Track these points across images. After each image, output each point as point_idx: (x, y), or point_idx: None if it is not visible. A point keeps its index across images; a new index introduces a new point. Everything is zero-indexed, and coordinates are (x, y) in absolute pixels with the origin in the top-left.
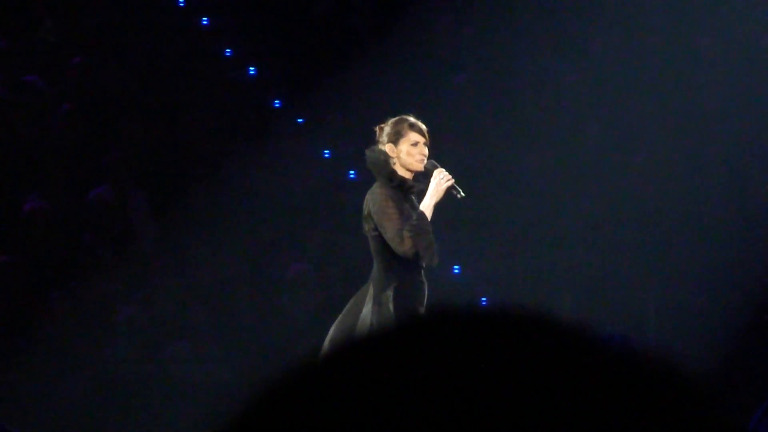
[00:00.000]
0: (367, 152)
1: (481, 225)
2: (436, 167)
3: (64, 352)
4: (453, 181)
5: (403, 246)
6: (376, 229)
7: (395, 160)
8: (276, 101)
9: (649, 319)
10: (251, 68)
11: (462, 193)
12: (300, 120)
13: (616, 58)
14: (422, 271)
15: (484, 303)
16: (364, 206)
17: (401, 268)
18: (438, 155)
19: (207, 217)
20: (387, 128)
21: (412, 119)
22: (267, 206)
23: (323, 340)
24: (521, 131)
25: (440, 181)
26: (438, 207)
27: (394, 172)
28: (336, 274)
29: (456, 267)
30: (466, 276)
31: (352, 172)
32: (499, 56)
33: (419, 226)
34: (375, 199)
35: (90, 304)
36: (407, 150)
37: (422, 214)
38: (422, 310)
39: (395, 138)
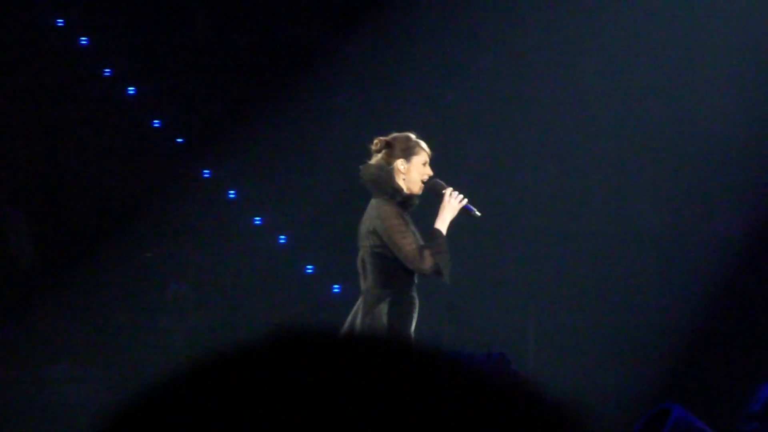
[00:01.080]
0: (370, 168)
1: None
2: (444, 186)
3: None
4: (466, 200)
5: (424, 264)
6: (380, 245)
7: (403, 176)
8: (156, 121)
9: (529, 339)
10: (130, 88)
11: (477, 213)
12: (180, 140)
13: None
14: (415, 288)
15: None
16: (365, 221)
17: (398, 283)
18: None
19: (85, 237)
20: (397, 144)
21: (418, 138)
22: (146, 226)
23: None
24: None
25: (453, 199)
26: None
27: (400, 188)
28: (215, 294)
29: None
30: (346, 295)
31: (231, 192)
32: (383, 77)
33: (440, 244)
34: (383, 216)
35: None
36: (418, 168)
37: (440, 232)
38: (413, 326)
39: (407, 155)
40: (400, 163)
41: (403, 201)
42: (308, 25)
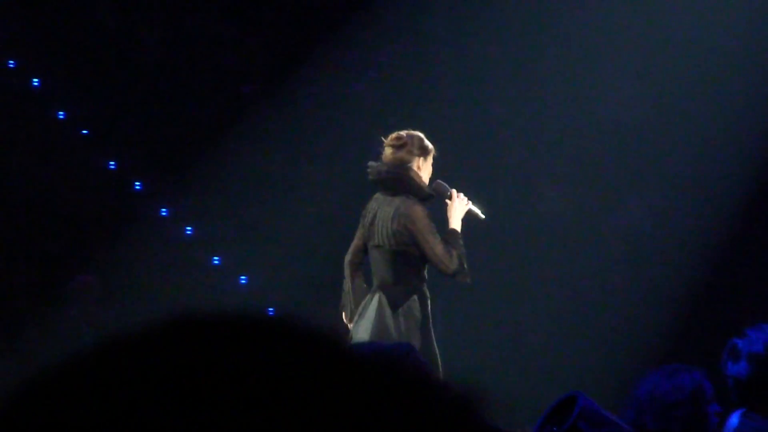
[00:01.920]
0: (390, 165)
1: (266, 235)
2: (448, 187)
3: None
4: (470, 203)
5: (453, 264)
6: (407, 244)
7: (422, 174)
8: (60, 112)
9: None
10: (35, 79)
11: (482, 215)
12: (85, 131)
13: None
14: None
15: (243, 281)
16: (387, 219)
17: (418, 280)
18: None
19: None
20: (416, 142)
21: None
22: (52, 217)
23: None
24: (307, 146)
25: (460, 200)
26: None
27: (424, 186)
28: (121, 285)
29: (243, 277)
30: (253, 285)
31: (138, 183)
32: (289, 69)
33: (462, 245)
34: (415, 216)
35: None
36: (429, 168)
37: (458, 233)
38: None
39: (424, 153)
40: (420, 162)
41: (424, 199)
42: (214, 18)
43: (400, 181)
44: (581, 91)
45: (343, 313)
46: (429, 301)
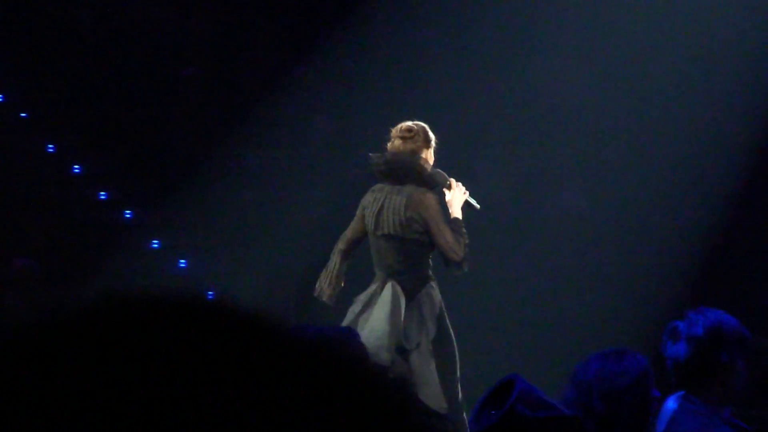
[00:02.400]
0: (401, 155)
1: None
2: (446, 176)
3: None
4: (467, 192)
5: (461, 252)
6: (420, 232)
7: (427, 164)
8: None
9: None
10: None
11: (477, 205)
12: (23, 114)
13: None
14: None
15: (182, 264)
16: (399, 208)
17: (428, 267)
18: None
19: None
20: (423, 132)
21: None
22: None
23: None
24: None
25: (458, 189)
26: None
27: (433, 175)
28: (61, 268)
29: (182, 261)
30: (193, 269)
31: (77, 166)
32: (228, 52)
33: (465, 234)
34: (428, 205)
35: None
36: (431, 158)
37: (461, 222)
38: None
39: (429, 144)
40: (429, 153)
41: (432, 188)
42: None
43: (411, 170)
44: (576, 89)
45: (319, 290)
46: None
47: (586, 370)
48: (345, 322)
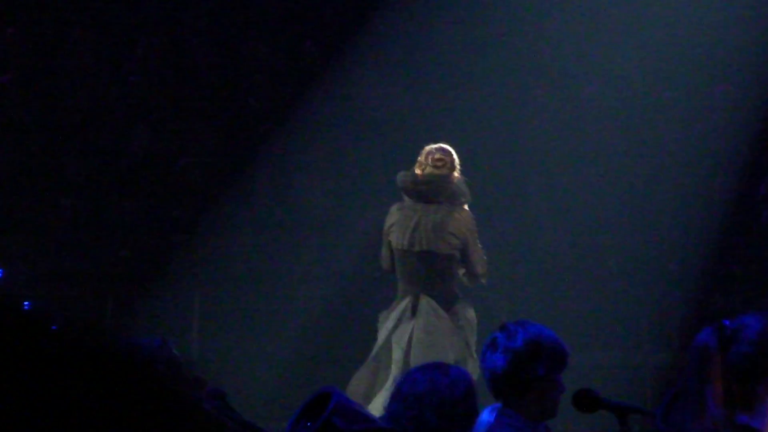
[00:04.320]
0: (443, 178)
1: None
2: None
3: None
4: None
5: (485, 267)
6: (458, 247)
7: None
8: None
9: (193, 321)
10: None
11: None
12: None
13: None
14: None
15: (26, 306)
16: (448, 224)
17: (455, 281)
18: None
19: None
20: (453, 156)
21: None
22: None
23: None
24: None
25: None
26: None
27: (465, 194)
28: None
29: None
30: (10, 278)
31: None
32: (41, 59)
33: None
34: (469, 223)
35: None
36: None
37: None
38: None
39: (455, 167)
40: (454, 174)
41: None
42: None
43: (444, 190)
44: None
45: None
46: None
47: (412, 383)
48: (379, 340)
